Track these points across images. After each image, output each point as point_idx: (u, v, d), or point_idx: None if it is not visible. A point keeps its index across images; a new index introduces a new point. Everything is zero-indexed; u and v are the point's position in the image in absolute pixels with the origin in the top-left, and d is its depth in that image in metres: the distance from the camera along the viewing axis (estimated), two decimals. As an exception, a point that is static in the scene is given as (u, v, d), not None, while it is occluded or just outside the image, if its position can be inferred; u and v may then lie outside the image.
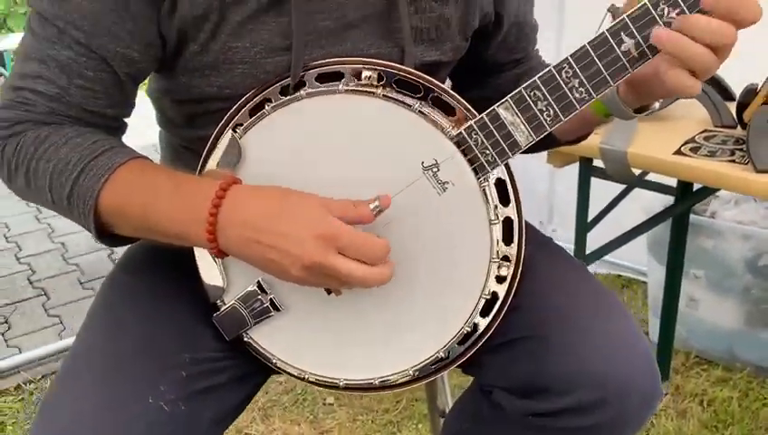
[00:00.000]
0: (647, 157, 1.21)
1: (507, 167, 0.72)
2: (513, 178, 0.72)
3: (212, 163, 0.73)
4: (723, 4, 0.61)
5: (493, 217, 0.71)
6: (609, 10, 1.40)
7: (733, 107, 1.33)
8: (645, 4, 0.64)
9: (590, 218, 1.48)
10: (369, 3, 0.74)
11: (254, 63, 0.72)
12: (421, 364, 0.75)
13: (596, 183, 1.41)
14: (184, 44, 0.72)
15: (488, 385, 0.81)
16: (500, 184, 0.72)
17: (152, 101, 0.84)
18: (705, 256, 1.82)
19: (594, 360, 0.71)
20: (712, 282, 1.84)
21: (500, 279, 0.73)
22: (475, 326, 0.74)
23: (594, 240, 1.52)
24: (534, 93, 0.67)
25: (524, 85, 0.67)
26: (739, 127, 1.31)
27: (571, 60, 0.65)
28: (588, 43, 0.65)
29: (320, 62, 0.72)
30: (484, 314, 0.74)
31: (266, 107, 0.71)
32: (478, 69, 0.91)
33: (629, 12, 0.64)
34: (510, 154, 0.69)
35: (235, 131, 0.72)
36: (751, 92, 1.26)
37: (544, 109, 0.67)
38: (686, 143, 1.25)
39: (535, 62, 0.94)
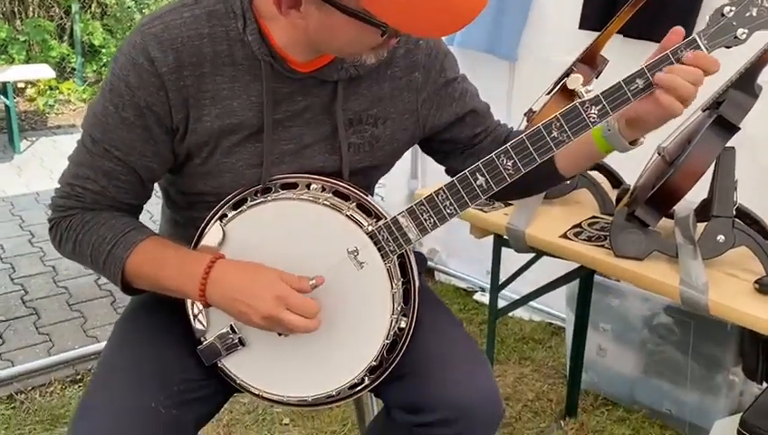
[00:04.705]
0: (538, 238, 1.53)
1: (407, 252, 1.05)
2: (411, 260, 1.05)
3: (205, 241, 1.05)
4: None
5: (394, 287, 1.03)
6: (525, 114, 1.74)
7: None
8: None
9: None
10: (319, 130, 1.07)
11: (238, 174, 1.04)
12: (341, 386, 1.06)
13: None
14: (190, 159, 1.04)
15: (389, 406, 1.13)
16: (402, 264, 1.05)
17: (161, 188, 1.16)
18: (611, 312, 2.16)
19: (452, 389, 1.04)
20: (616, 335, 2.18)
21: (400, 329, 1.06)
22: (381, 361, 1.06)
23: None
24: (421, 208, 1.01)
25: (416, 202, 1.01)
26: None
27: (445, 189, 0.99)
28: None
29: (282, 175, 1.05)
30: (389, 352, 1.06)
31: (244, 205, 1.04)
32: (456, 148, 1.18)
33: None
34: (405, 246, 1.02)
35: (221, 220, 1.04)
36: (625, 191, 1.61)
37: (427, 218, 1.01)
38: (572, 228, 1.57)
39: (500, 131, 1.19)
